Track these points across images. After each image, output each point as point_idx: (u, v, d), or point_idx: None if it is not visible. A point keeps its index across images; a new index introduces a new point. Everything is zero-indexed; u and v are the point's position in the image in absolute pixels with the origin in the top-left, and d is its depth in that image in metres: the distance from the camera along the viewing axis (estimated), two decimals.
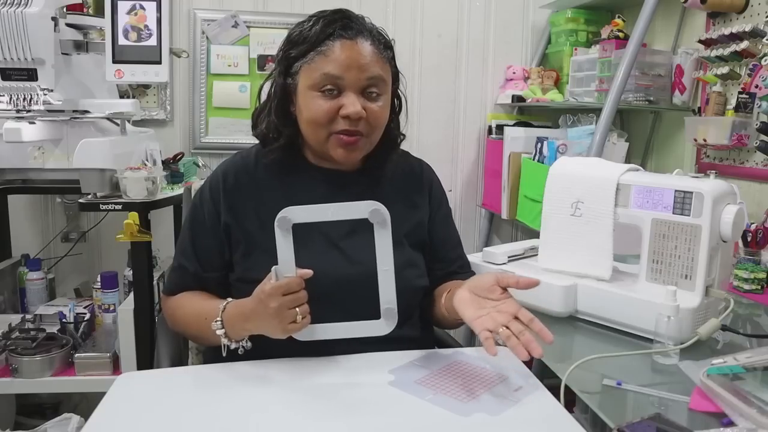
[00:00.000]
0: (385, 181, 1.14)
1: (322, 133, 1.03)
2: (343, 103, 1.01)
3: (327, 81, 1.00)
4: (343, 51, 1.00)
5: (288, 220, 0.91)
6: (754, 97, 1.52)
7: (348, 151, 1.04)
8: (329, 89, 1.01)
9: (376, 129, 1.06)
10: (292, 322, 0.90)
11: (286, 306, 0.89)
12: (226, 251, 1.09)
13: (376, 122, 1.04)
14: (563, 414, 0.82)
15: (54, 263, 2.17)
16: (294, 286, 0.89)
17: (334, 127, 1.02)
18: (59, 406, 2.07)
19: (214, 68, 2.22)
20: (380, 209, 0.91)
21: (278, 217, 0.91)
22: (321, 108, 1.01)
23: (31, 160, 1.68)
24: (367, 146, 1.06)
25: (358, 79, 1.01)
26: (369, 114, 1.02)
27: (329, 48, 1.01)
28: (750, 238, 1.38)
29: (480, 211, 2.45)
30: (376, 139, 1.08)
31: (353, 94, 1.01)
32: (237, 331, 0.97)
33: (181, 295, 1.12)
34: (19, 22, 1.53)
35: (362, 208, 0.91)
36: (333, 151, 1.04)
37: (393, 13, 2.32)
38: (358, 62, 1.01)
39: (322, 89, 1.01)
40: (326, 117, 1.01)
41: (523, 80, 2.33)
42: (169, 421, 0.81)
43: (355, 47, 1.01)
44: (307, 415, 0.82)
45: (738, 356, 0.90)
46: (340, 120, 1.01)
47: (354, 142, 1.03)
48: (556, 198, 1.19)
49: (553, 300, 1.13)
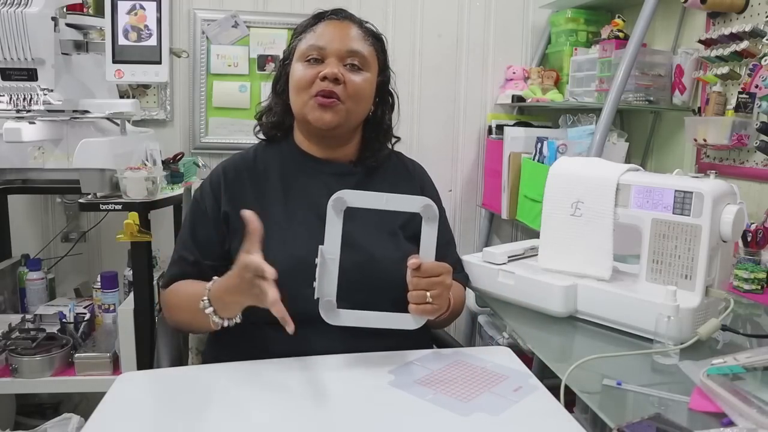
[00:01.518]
0: (379, 174, 1.19)
1: (304, 97, 1.09)
2: (324, 68, 1.08)
3: (311, 51, 1.10)
4: (328, 27, 1.12)
5: (343, 201, 0.93)
6: (754, 97, 1.52)
7: (322, 111, 1.08)
8: (313, 58, 1.09)
9: (353, 98, 1.10)
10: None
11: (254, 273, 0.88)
12: (226, 241, 1.12)
13: (354, 91, 1.10)
14: (563, 414, 0.82)
15: (54, 263, 2.17)
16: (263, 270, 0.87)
17: (313, 90, 1.08)
18: (59, 406, 2.07)
19: (214, 68, 2.23)
20: (432, 205, 0.96)
21: (333, 197, 0.93)
22: (303, 74, 1.09)
23: (31, 160, 1.68)
24: (342, 113, 1.10)
25: (339, 49, 1.09)
26: (347, 82, 1.08)
27: (318, 26, 1.13)
28: (750, 238, 1.38)
29: (480, 211, 2.45)
30: (355, 110, 1.12)
31: (334, 60, 1.09)
32: (226, 306, 0.97)
33: (175, 284, 1.13)
34: (19, 22, 1.53)
35: (416, 202, 0.97)
36: (310, 113, 1.09)
37: (393, 13, 2.32)
38: (341, 35, 1.10)
39: (307, 59, 1.10)
40: (307, 81, 1.08)
41: (523, 80, 2.33)
42: (169, 421, 0.81)
43: (339, 24, 1.13)
44: (307, 415, 0.82)
45: (738, 356, 0.90)
46: (318, 82, 1.08)
47: (329, 104, 1.08)
48: (556, 198, 1.19)
49: (553, 300, 1.13)
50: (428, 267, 0.96)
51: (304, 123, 1.14)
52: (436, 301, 0.96)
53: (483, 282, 1.25)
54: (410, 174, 1.24)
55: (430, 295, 0.96)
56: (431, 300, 0.96)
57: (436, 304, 0.96)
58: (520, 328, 1.13)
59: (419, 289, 0.96)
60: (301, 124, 1.16)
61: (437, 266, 0.97)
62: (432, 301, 0.96)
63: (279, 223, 1.07)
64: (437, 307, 0.97)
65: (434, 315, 0.98)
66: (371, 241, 1.07)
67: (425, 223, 0.97)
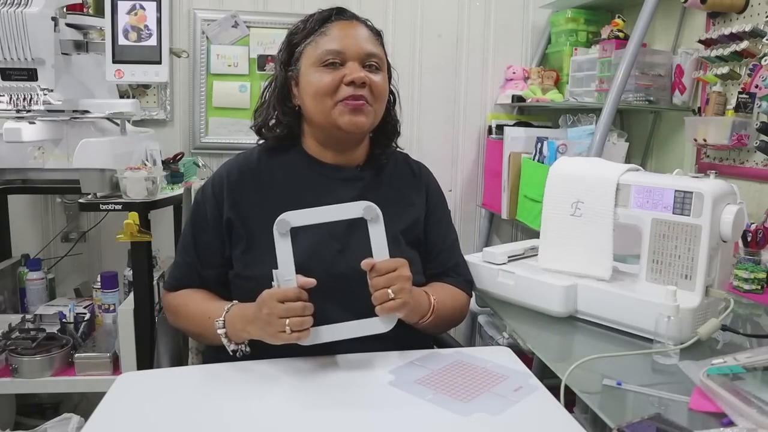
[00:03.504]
0: (385, 176, 1.18)
1: (328, 103, 1.07)
2: (346, 72, 1.06)
3: (329, 55, 1.06)
4: (342, 29, 1.09)
5: (287, 222, 0.92)
6: (754, 97, 1.52)
7: (354, 115, 1.07)
8: (332, 62, 1.06)
9: (378, 99, 1.10)
10: (282, 331, 0.90)
11: (277, 315, 0.90)
12: (226, 248, 1.11)
13: (378, 92, 1.09)
14: (563, 414, 0.82)
15: (54, 263, 2.17)
16: (290, 296, 0.91)
17: (339, 95, 1.06)
18: (59, 406, 2.07)
19: (214, 68, 2.23)
20: (372, 206, 0.95)
21: (277, 221, 0.92)
22: (325, 79, 1.06)
23: (31, 160, 1.68)
24: (371, 115, 1.09)
25: (359, 52, 1.07)
26: (371, 84, 1.07)
27: (329, 29, 1.09)
28: (750, 238, 1.38)
29: (480, 211, 2.45)
30: (380, 111, 1.12)
31: (355, 63, 1.06)
32: (237, 332, 0.99)
33: (185, 293, 1.13)
34: (19, 22, 1.53)
35: (355, 207, 0.96)
36: (340, 118, 1.07)
37: (393, 13, 2.32)
38: (357, 38, 1.08)
39: (324, 64, 1.06)
40: (331, 86, 1.06)
41: (523, 80, 2.33)
42: (169, 421, 0.81)
43: (352, 25, 1.10)
44: (308, 415, 0.82)
45: (738, 356, 0.89)
46: (344, 87, 1.06)
47: (360, 106, 1.07)
48: (556, 198, 1.19)
49: (553, 300, 1.13)
50: (382, 265, 0.95)
51: (327, 128, 1.10)
52: (399, 295, 0.94)
53: (483, 282, 1.25)
54: (416, 177, 1.23)
55: (391, 291, 0.94)
56: (393, 296, 0.94)
57: (400, 298, 0.94)
58: (520, 328, 1.13)
59: (379, 289, 0.94)
60: (319, 130, 1.12)
61: (391, 262, 0.96)
62: (395, 296, 0.94)
63: None
64: (402, 301, 0.94)
65: (402, 311, 0.96)
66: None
67: (370, 225, 0.96)
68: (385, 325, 0.96)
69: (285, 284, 0.92)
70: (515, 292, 1.20)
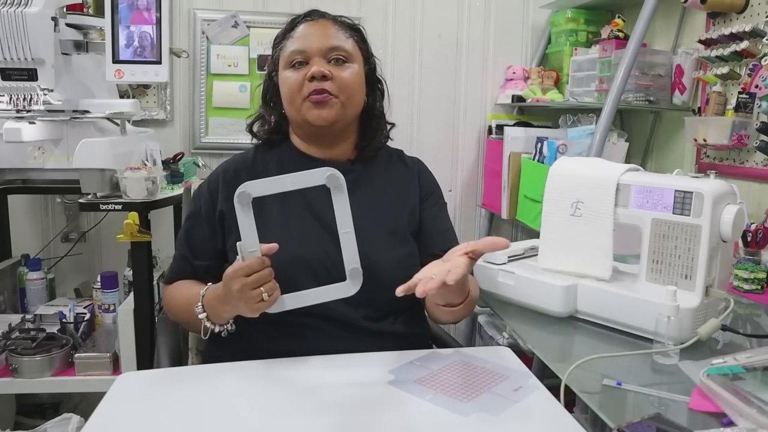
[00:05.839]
0: (377, 170, 1.19)
1: (297, 101, 1.10)
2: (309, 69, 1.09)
3: (294, 55, 1.10)
4: (307, 28, 1.13)
5: (247, 194, 0.90)
6: (754, 97, 1.52)
7: (319, 109, 1.09)
8: (298, 62, 1.10)
9: (345, 91, 1.10)
10: (260, 300, 0.91)
11: (249, 287, 0.90)
12: (219, 241, 1.13)
13: (344, 84, 1.10)
14: (563, 414, 0.82)
15: (54, 263, 2.17)
16: (255, 266, 0.90)
17: (304, 92, 1.09)
18: (59, 406, 2.07)
19: (214, 68, 2.23)
20: (335, 173, 0.91)
21: (237, 193, 0.90)
22: (292, 79, 1.10)
23: (31, 160, 1.68)
24: (337, 107, 1.10)
25: (320, 48, 1.10)
26: (335, 77, 1.09)
27: (296, 31, 1.13)
28: (750, 238, 1.38)
29: (480, 211, 2.45)
30: (350, 103, 1.12)
31: (317, 59, 1.09)
32: (217, 314, 1.00)
33: (176, 284, 1.16)
34: (19, 22, 1.53)
35: (318, 175, 0.92)
36: (308, 113, 1.10)
37: (393, 13, 2.32)
38: (318, 34, 1.11)
39: (292, 64, 1.11)
40: (297, 85, 1.09)
41: (523, 80, 2.33)
42: (169, 421, 0.81)
43: (315, 24, 1.13)
44: (307, 415, 0.82)
45: (738, 356, 0.89)
46: (308, 84, 1.08)
47: (323, 100, 1.08)
48: (556, 198, 1.19)
49: (553, 300, 1.13)
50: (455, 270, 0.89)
51: (303, 125, 1.14)
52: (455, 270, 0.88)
53: (483, 282, 1.25)
54: (408, 168, 1.24)
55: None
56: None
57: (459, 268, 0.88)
58: (520, 328, 1.13)
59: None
60: (298, 128, 1.17)
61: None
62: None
63: (275, 222, 1.08)
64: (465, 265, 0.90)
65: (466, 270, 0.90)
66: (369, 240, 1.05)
67: (333, 193, 0.92)
68: (348, 290, 0.94)
69: (249, 255, 0.91)
70: (515, 292, 1.20)
